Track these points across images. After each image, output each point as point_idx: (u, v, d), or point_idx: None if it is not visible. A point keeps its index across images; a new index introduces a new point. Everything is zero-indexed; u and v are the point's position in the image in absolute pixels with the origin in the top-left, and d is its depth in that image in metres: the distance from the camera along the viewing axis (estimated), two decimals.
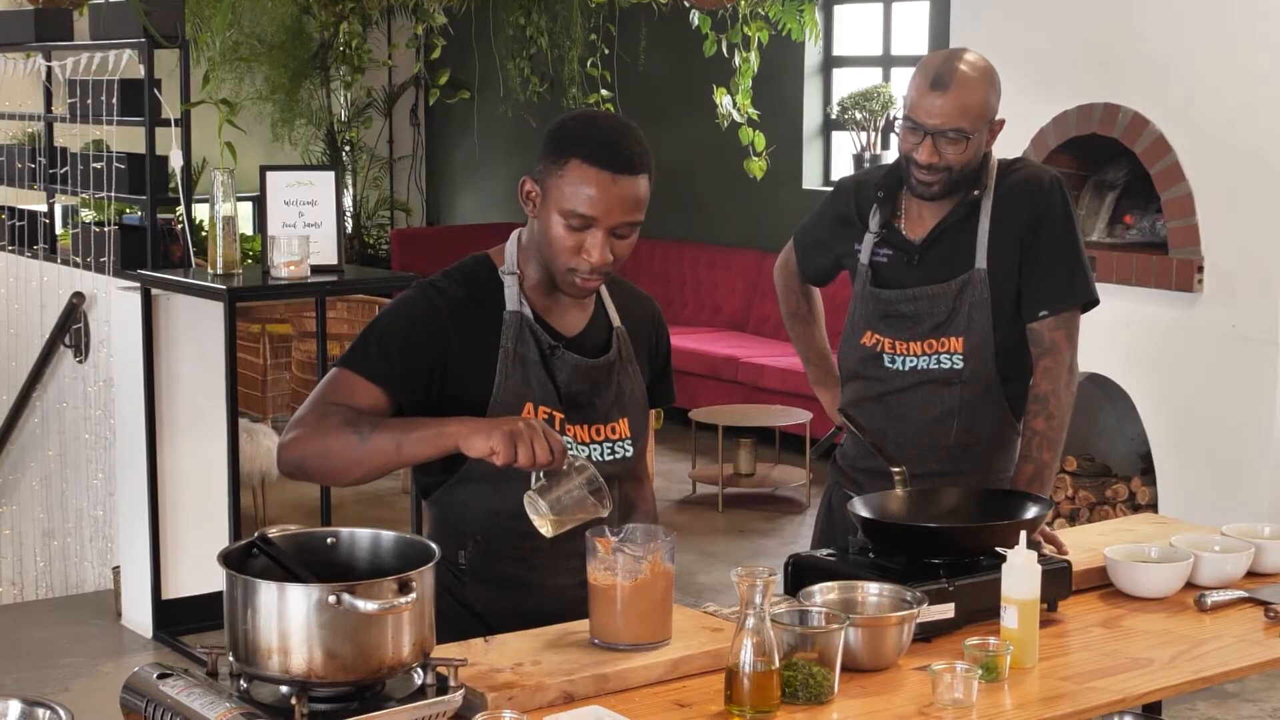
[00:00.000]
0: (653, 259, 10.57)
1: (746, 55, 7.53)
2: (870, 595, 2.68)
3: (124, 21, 6.24)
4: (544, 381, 2.73)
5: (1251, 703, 5.21)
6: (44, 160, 6.93)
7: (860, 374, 3.45)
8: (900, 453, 3.29)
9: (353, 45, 10.19)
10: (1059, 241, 3.35)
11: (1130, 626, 2.85)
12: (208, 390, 5.81)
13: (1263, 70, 5.66)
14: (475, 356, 2.71)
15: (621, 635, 2.55)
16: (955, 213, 3.35)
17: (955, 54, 3.30)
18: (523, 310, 2.75)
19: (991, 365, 3.34)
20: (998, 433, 3.40)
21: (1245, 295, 5.76)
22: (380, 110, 12.37)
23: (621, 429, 2.82)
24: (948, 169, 3.27)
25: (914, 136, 3.27)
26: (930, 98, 3.24)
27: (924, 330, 3.35)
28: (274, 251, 5.56)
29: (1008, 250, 3.33)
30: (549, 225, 2.68)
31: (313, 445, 2.61)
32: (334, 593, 2.21)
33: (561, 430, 2.74)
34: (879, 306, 3.41)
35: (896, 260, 3.40)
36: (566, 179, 2.64)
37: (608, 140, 2.65)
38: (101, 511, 6.55)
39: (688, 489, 8.11)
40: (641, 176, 2.66)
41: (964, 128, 3.23)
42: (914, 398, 3.37)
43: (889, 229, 3.42)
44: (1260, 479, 5.72)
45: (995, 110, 3.30)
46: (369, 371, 2.67)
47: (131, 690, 2.37)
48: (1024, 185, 3.36)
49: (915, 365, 3.37)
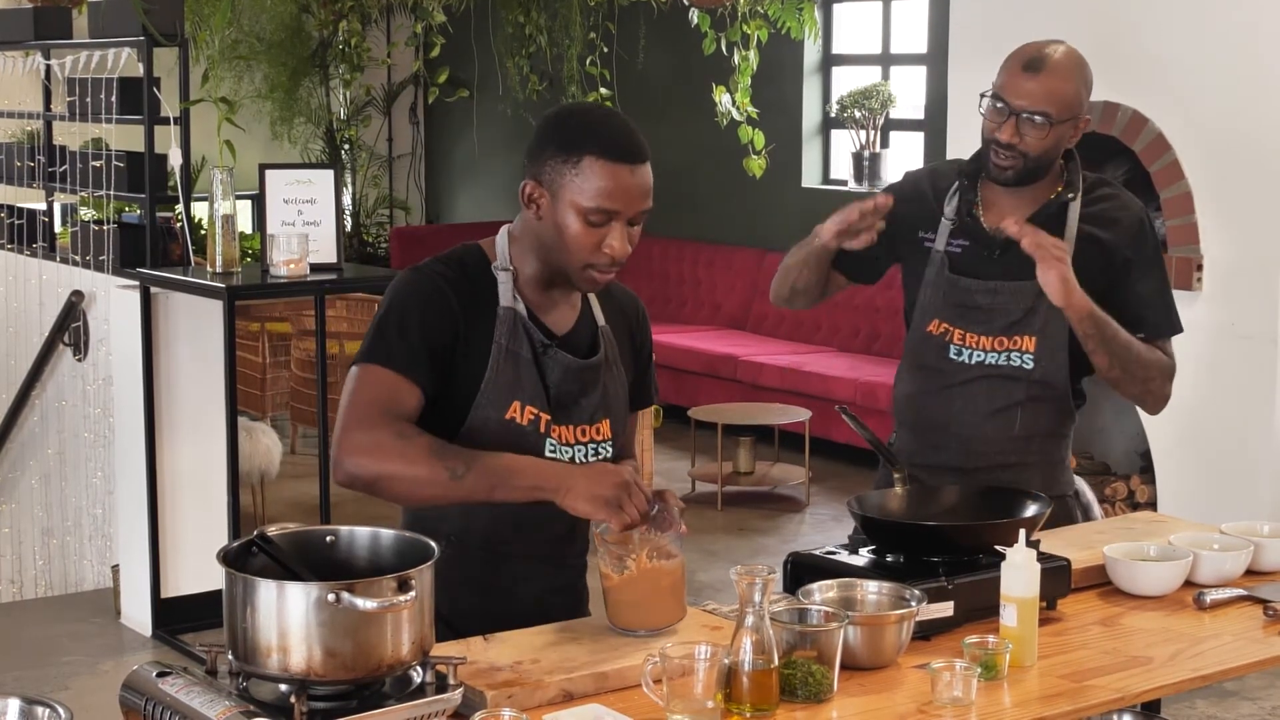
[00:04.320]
0: (652, 257, 10.57)
1: (746, 53, 7.53)
2: (869, 593, 2.68)
3: (123, 20, 6.23)
4: (534, 380, 2.73)
5: (1251, 701, 5.21)
6: (43, 159, 6.92)
7: (923, 364, 3.43)
8: (963, 445, 3.32)
9: (352, 43, 10.17)
10: (1159, 277, 3.38)
11: (1129, 625, 2.85)
12: (207, 389, 5.81)
13: (1262, 69, 5.66)
14: (473, 345, 2.71)
15: (637, 621, 2.60)
16: (1045, 210, 3.34)
17: (1053, 42, 3.33)
18: (516, 307, 2.74)
19: (1064, 370, 3.34)
20: (1058, 424, 3.41)
21: (1244, 293, 5.76)
22: (379, 108, 12.37)
23: (604, 430, 2.81)
24: (1025, 154, 3.27)
25: (999, 116, 3.28)
26: (1022, 79, 3.26)
27: (998, 326, 3.32)
28: (273, 250, 5.56)
29: (1096, 261, 3.31)
30: (564, 224, 2.67)
31: (395, 468, 2.57)
32: (333, 591, 2.20)
33: (547, 432, 2.73)
34: (954, 295, 3.38)
35: (974, 251, 3.38)
36: (583, 176, 2.64)
37: (617, 133, 2.67)
38: (101, 510, 6.55)
39: (687, 487, 8.10)
40: (648, 163, 2.69)
41: (1050, 113, 3.24)
42: (978, 390, 3.36)
43: (970, 217, 3.39)
44: (1259, 477, 5.72)
45: (1083, 106, 3.31)
46: (399, 364, 2.64)
47: (131, 689, 2.37)
48: (1122, 208, 3.37)
49: (983, 360, 3.35)
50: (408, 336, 2.66)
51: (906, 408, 3.48)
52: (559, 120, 2.73)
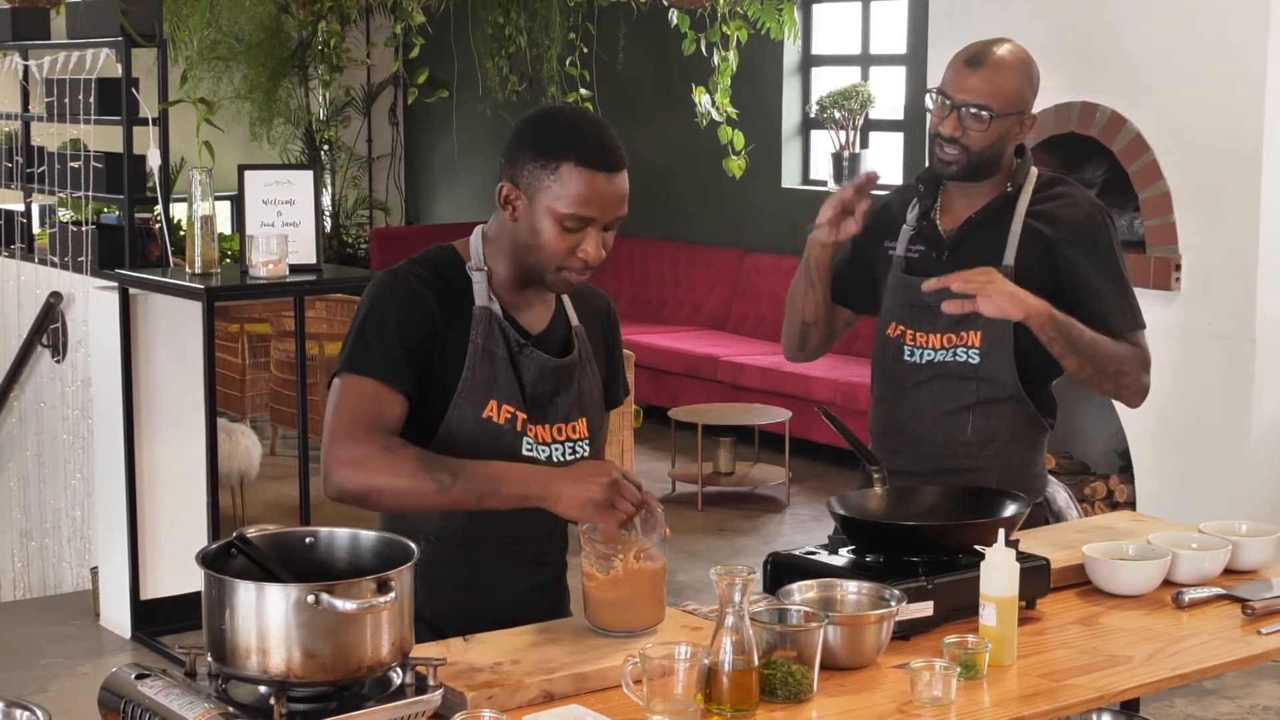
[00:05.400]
0: (632, 257, 10.57)
1: (725, 54, 7.54)
2: (849, 593, 2.68)
3: (101, 20, 6.22)
4: (510, 380, 2.72)
5: (1229, 699, 5.23)
6: (21, 159, 6.91)
7: (883, 368, 3.46)
8: (915, 449, 3.33)
9: (331, 44, 10.15)
10: (1111, 274, 3.35)
11: (1108, 624, 2.86)
12: (186, 390, 5.79)
13: (1239, 69, 5.68)
14: (450, 346, 2.71)
15: (619, 622, 2.60)
16: (988, 207, 3.37)
17: (998, 40, 3.37)
18: (492, 306, 2.74)
19: (1010, 365, 3.33)
20: (1020, 429, 3.39)
21: (1222, 293, 5.78)
22: (359, 109, 12.35)
23: (581, 429, 2.81)
24: (968, 149, 3.30)
25: (943, 111, 3.32)
26: (964, 74, 3.31)
27: (944, 323, 3.33)
28: (252, 251, 5.55)
29: (1038, 255, 3.32)
30: (539, 228, 2.67)
31: (382, 482, 2.57)
32: (312, 592, 2.20)
33: (524, 431, 2.74)
34: (905, 295, 3.40)
35: (926, 256, 3.41)
36: (561, 182, 2.64)
37: (596, 140, 2.66)
38: (80, 512, 6.53)
39: (667, 488, 8.10)
40: (625, 170, 2.69)
41: (991, 106, 3.27)
42: (929, 391, 3.37)
43: (926, 221, 3.43)
44: (1237, 477, 5.74)
45: (1027, 102, 3.34)
46: (382, 373, 2.64)
47: (110, 691, 2.36)
48: (1070, 205, 3.37)
49: (932, 359, 3.37)
50: (388, 343, 2.66)
51: (871, 413, 3.52)
52: (538, 124, 2.72)
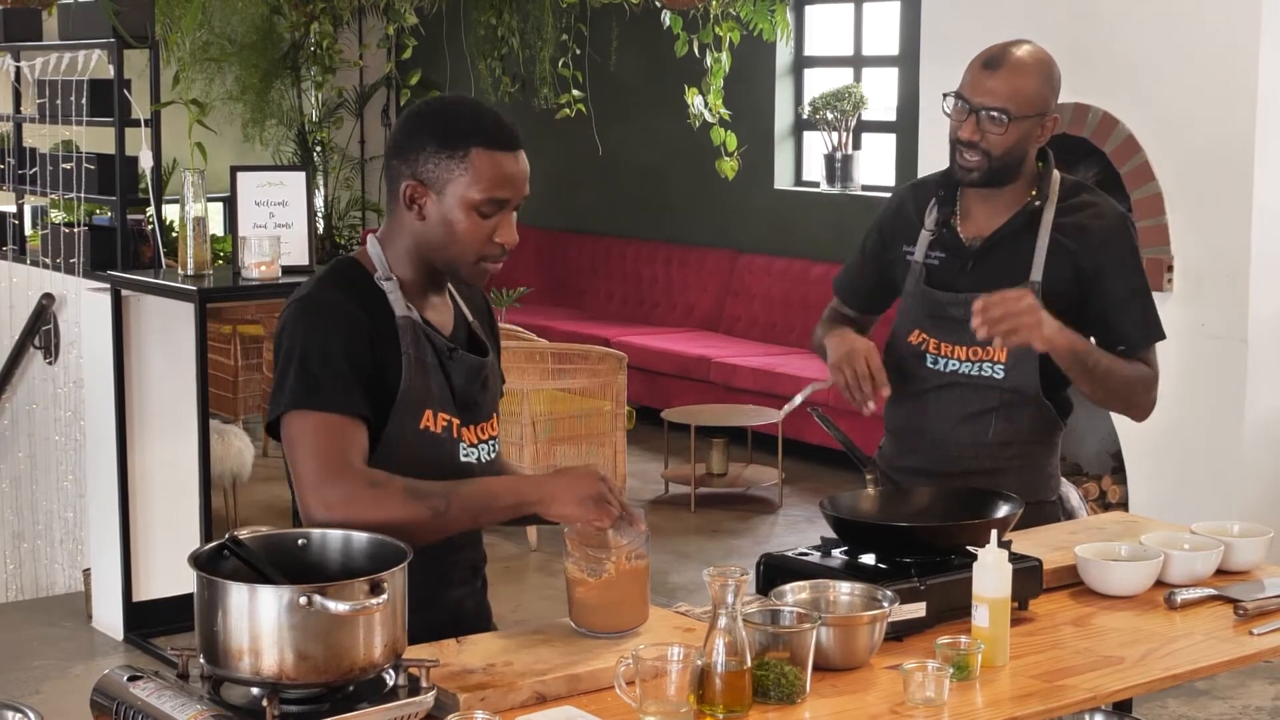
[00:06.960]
0: (624, 258, 10.56)
1: (718, 55, 7.55)
2: (842, 594, 2.68)
3: (93, 21, 6.21)
4: (442, 387, 2.68)
5: (1222, 700, 5.23)
6: (13, 161, 6.90)
7: (902, 370, 3.44)
8: (936, 449, 3.34)
9: (324, 45, 10.16)
10: (1134, 286, 3.35)
11: (1101, 625, 2.86)
12: (179, 391, 5.79)
13: (1231, 71, 5.69)
14: (385, 360, 2.63)
15: (610, 624, 2.60)
16: (1014, 221, 3.33)
17: (1017, 41, 3.33)
18: (412, 315, 2.67)
19: (1034, 378, 3.33)
20: (1039, 431, 3.40)
21: (1215, 294, 5.78)
22: (351, 110, 12.33)
23: (493, 427, 2.80)
24: (988, 153, 3.26)
25: (961, 115, 3.28)
26: (982, 76, 3.26)
27: (970, 336, 3.28)
28: (245, 252, 5.54)
29: (1065, 272, 3.31)
30: (454, 220, 2.62)
31: (375, 518, 2.47)
32: (305, 594, 2.20)
33: (459, 436, 2.71)
34: (930, 307, 3.39)
35: (950, 263, 3.38)
36: (472, 168, 2.60)
37: (496, 121, 2.65)
38: (72, 513, 6.52)
39: (660, 489, 8.11)
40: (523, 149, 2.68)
41: (1009, 109, 3.23)
42: (952, 395, 3.37)
43: (946, 228, 3.40)
44: (1230, 477, 5.74)
45: (1048, 105, 3.29)
46: (339, 405, 2.55)
47: (102, 692, 2.36)
48: (1096, 216, 3.34)
49: (956, 369, 3.37)
50: (338, 372, 2.57)
51: (887, 412, 3.51)
52: (432, 115, 2.67)
